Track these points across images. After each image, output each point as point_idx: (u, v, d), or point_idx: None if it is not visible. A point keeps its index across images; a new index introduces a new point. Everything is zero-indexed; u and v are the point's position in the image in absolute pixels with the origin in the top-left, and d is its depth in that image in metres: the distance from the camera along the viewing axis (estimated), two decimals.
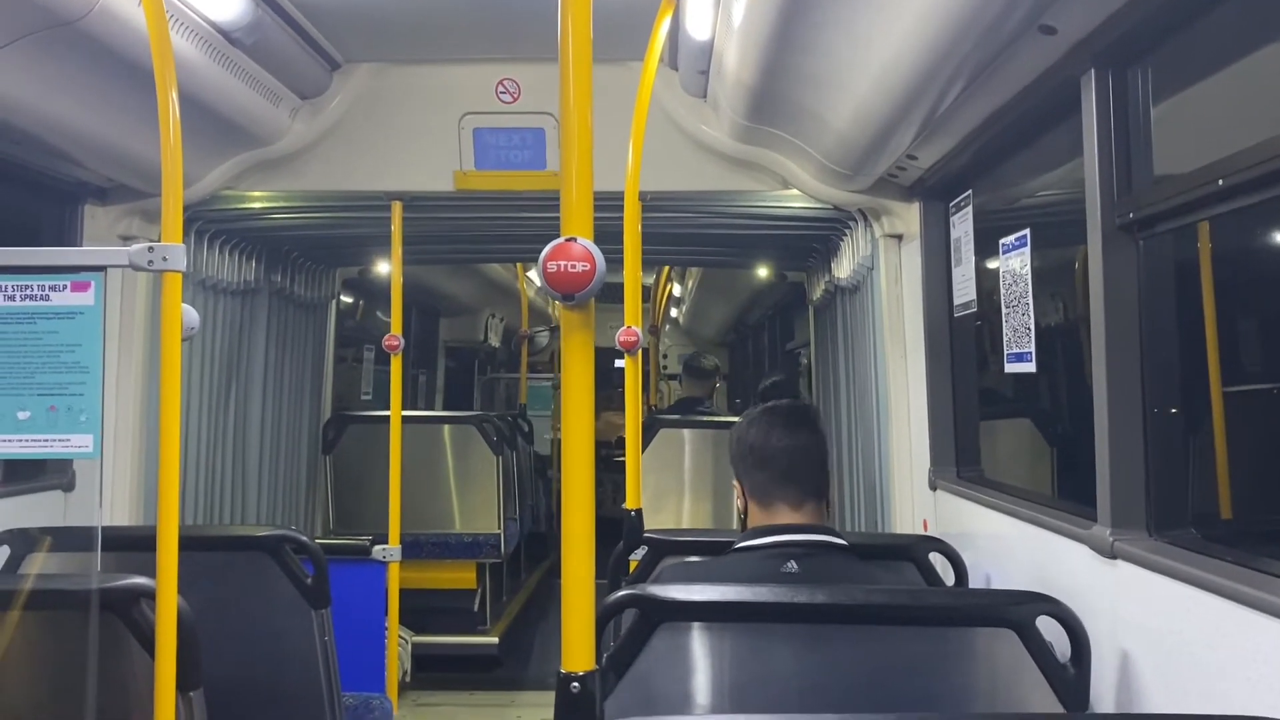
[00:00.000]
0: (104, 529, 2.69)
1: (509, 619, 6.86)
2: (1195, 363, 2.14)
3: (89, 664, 2.14)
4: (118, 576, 2.13)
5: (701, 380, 7.38)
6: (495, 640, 6.35)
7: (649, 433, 5.71)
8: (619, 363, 3.60)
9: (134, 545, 2.67)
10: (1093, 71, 2.17)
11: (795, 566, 2.30)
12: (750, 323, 10.82)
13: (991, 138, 2.84)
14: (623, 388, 3.20)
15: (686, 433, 5.97)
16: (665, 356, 11.84)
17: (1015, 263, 2.77)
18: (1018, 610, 1.97)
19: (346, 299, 7.26)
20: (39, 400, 2.04)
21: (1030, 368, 2.74)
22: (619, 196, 3.06)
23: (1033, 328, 2.70)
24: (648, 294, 10.31)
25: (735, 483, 2.54)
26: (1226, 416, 2.15)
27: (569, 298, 1.20)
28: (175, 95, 1.99)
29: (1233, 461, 2.15)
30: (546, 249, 1.22)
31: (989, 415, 3.45)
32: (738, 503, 2.54)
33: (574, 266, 1.20)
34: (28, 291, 2.04)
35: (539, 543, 8.97)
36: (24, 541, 2.80)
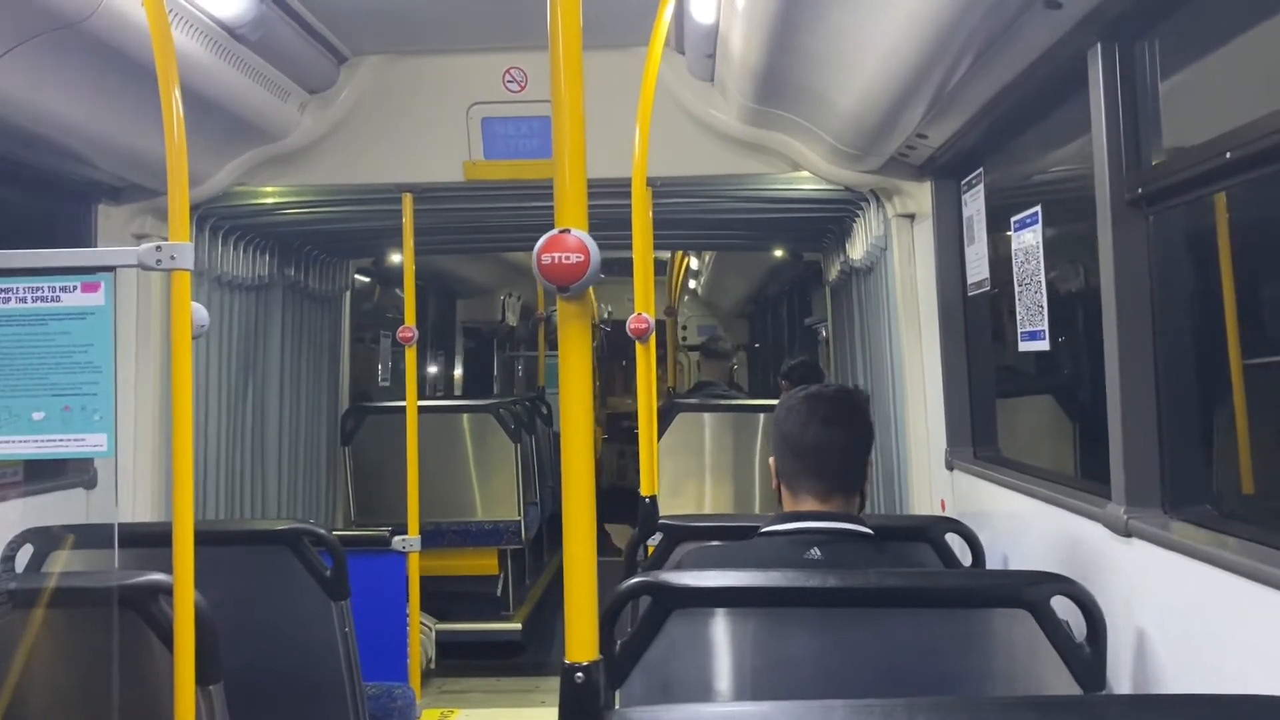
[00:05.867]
0: (124, 526, 2.71)
1: (531, 604, 6.90)
2: (1211, 337, 2.11)
3: (110, 660, 2.16)
4: (136, 573, 2.14)
5: (719, 360, 7.43)
6: (518, 626, 6.39)
7: (668, 416, 5.71)
8: None
9: (154, 541, 2.68)
10: (1099, 46, 2.14)
11: (818, 553, 2.28)
12: (769, 295, 10.77)
13: (1001, 114, 2.81)
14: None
15: (706, 416, 5.96)
16: (684, 328, 11.82)
17: (1027, 240, 2.74)
18: (1032, 590, 1.96)
19: (362, 278, 7.29)
20: (53, 400, 2.06)
21: (1044, 345, 2.72)
22: (627, 183, 3.05)
23: (1045, 305, 2.67)
24: (663, 269, 10.29)
25: (771, 460, 2.48)
26: (1246, 390, 2.12)
27: (564, 289, 1.20)
28: (178, 94, 1.99)
29: (1253, 435, 2.12)
30: (541, 241, 1.22)
31: (1005, 394, 3.43)
32: (773, 482, 2.50)
33: (568, 258, 1.20)
34: (39, 293, 2.06)
35: (560, 525, 8.99)
36: (46, 539, 2.83)
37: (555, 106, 1.26)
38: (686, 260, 10.46)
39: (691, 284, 12.13)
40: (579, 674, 1.19)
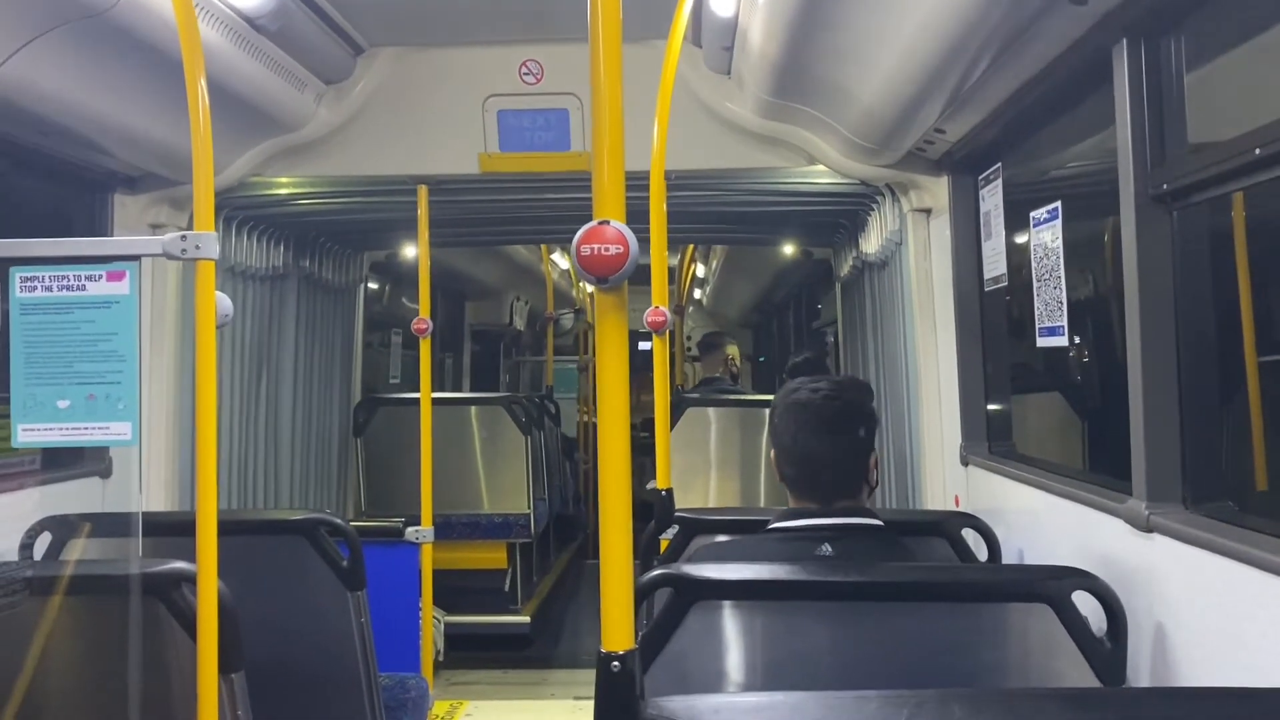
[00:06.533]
0: (142, 514, 2.72)
1: (540, 598, 6.92)
2: (1231, 334, 2.11)
3: (132, 647, 2.17)
4: (159, 561, 2.16)
5: (716, 351, 7.45)
6: (527, 619, 6.40)
7: (676, 412, 5.71)
8: (644, 345, 3.60)
9: (171, 530, 2.71)
10: (1124, 41, 2.14)
11: (830, 549, 2.27)
12: (775, 302, 10.77)
13: (1021, 110, 2.81)
14: (647, 368, 3.20)
15: (712, 411, 5.98)
16: (689, 338, 11.83)
17: (1046, 236, 2.74)
18: (1053, 585, 1.97)
19: (372, 284, 7.29)
20: (78, 389, 2.06)
21: (1062, 341, 2.72)
22: (644, 176, 3.05)
23: (1065, 301, 2.67)
24: (673, 274, 10.29)
25: (772, 453, 2.44)
26: (1262, 387, 2.12)
27: (603, 280, 1.20)
28: (204, 84, 2.00)
29: (1269, 432, 2.13)
30: (580, 232, 1.23)
31: (1021, 390, 3.43)
32: (776, 475, 2.47)
33: (608, 249, 1.21)
34: (65, 282, 2.07)
35: (567, 524, 9.02)
36: (64, 528, 2.84)
37: (594, 99, 1.27)
38: (694, 266, 10.47)
39: (697, 294, 12.11)
40: (615, 663, 1.19)
